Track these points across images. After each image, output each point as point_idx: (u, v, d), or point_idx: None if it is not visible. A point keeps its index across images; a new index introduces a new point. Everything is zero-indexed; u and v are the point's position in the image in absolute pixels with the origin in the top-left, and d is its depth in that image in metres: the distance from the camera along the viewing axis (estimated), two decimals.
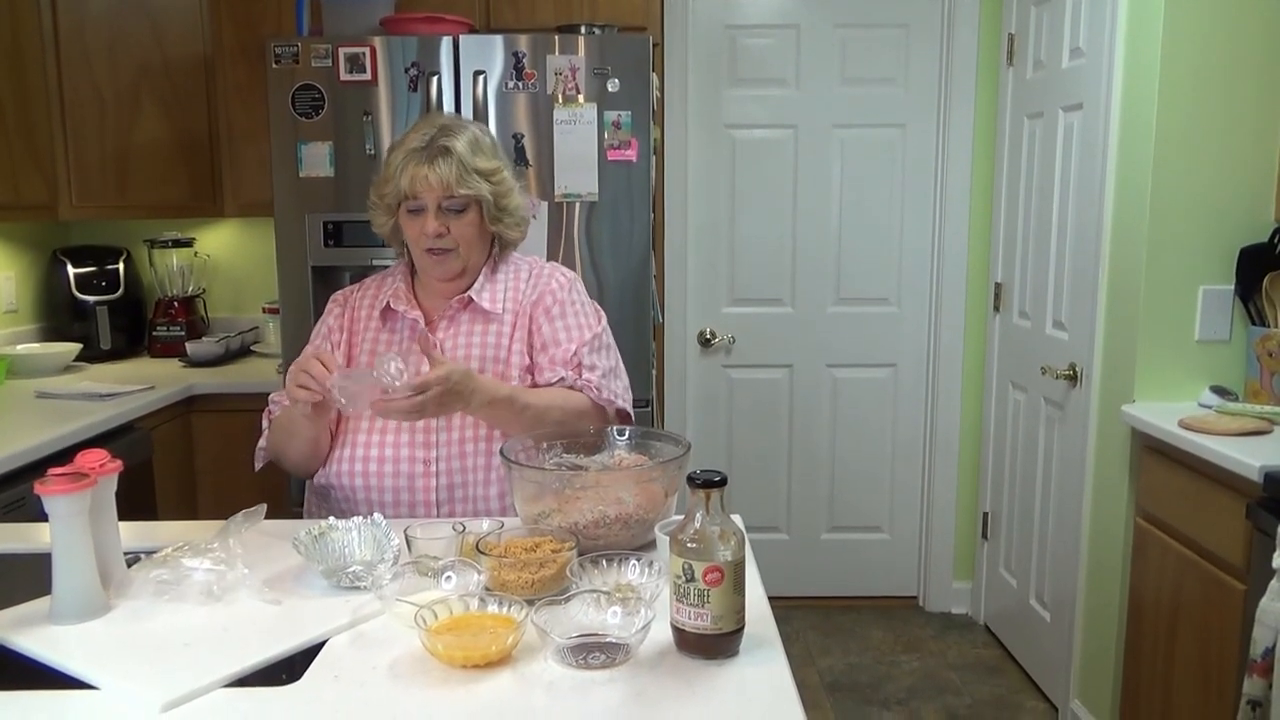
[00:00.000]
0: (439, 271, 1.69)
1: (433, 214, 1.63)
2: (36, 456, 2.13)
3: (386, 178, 1.66)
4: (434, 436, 1.64)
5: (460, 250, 1.67)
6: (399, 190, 1.64)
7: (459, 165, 1.61)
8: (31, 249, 3.23)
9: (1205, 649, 2.07)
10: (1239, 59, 2.30)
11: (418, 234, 1.65)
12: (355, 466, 1.66)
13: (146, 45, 2.99)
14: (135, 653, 1.14)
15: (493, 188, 1.67)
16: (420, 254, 1.69)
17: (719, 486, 1.14)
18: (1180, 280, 2.38)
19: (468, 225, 1.66)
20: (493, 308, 1.72)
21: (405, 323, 1.73)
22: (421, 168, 1.61)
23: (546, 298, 1.74)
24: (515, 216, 1.74)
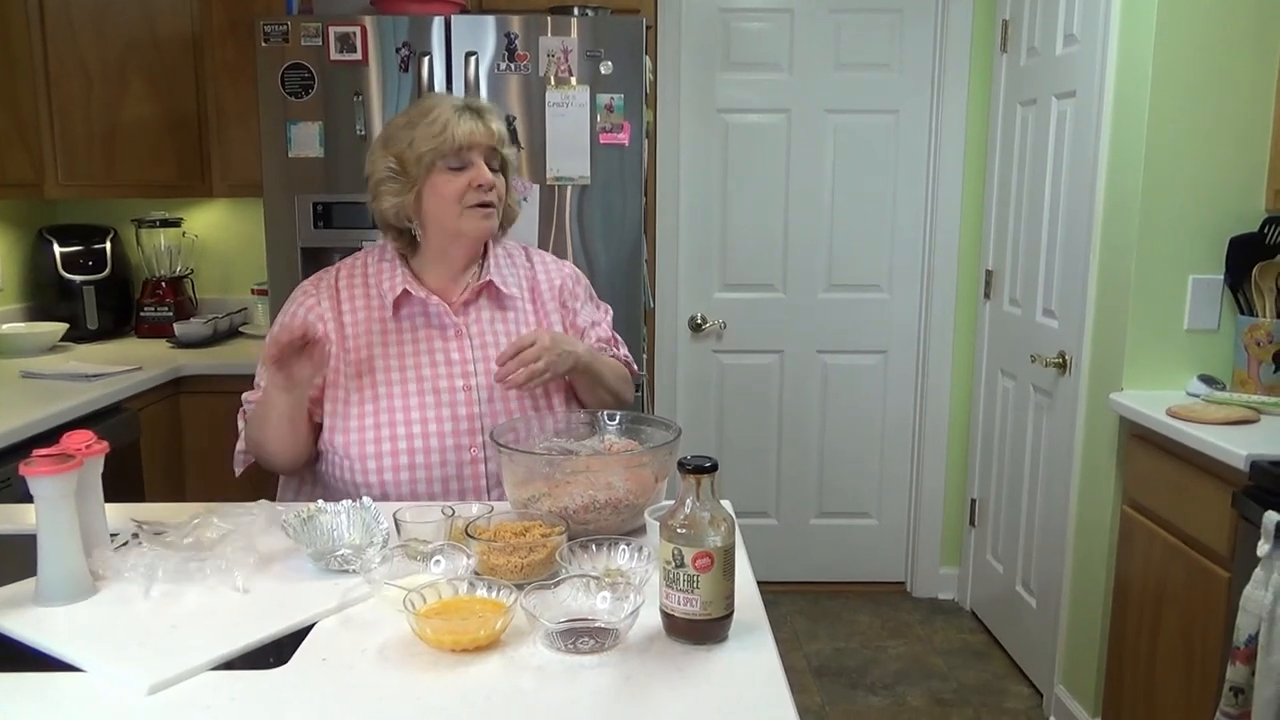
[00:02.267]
0: (483, 227, 1.63)
1: (484, 166, 1.60)
2: (22, 437, 2.11)
3: (421, 138, 1.58)
4: (477, 424, 1.61)
5: (499, 209, 1.64)
6: (449, 143, 1.57)
7: (501, 127, 1.62)
8: (17, 227, 3.20)
9: (1189, 636, 2.09)
10: (1232, 49, 2.29)
11: (461, 190, 1.59)
12: (401, 460, 1.58)
13: (134, 21, 2.96)
14: (122, 635, 1.14)
15: (514, 159, 1.68)
16: (459, 213, 1.61)
17: (709, 472, 1.13)
18: (1170, 269, 2.38)
19: (503, 183, 1.65)
20: (510, 291, 1.70)
21: (424, 309, 1.65)
22: (475, 121, 1.59)
23: (569, 283, 1.77)
24: (514, 197, 1.74)
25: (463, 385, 1.62)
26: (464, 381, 1.62)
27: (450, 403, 1.60)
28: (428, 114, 1.61)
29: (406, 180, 1.61)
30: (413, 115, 1.63)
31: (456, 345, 1.64)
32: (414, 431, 1.59)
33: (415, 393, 1.60)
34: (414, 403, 1.60)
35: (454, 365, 1.63)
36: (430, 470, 1.60)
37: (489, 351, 1.64)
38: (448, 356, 1.62)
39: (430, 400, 1.60)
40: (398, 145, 1.61)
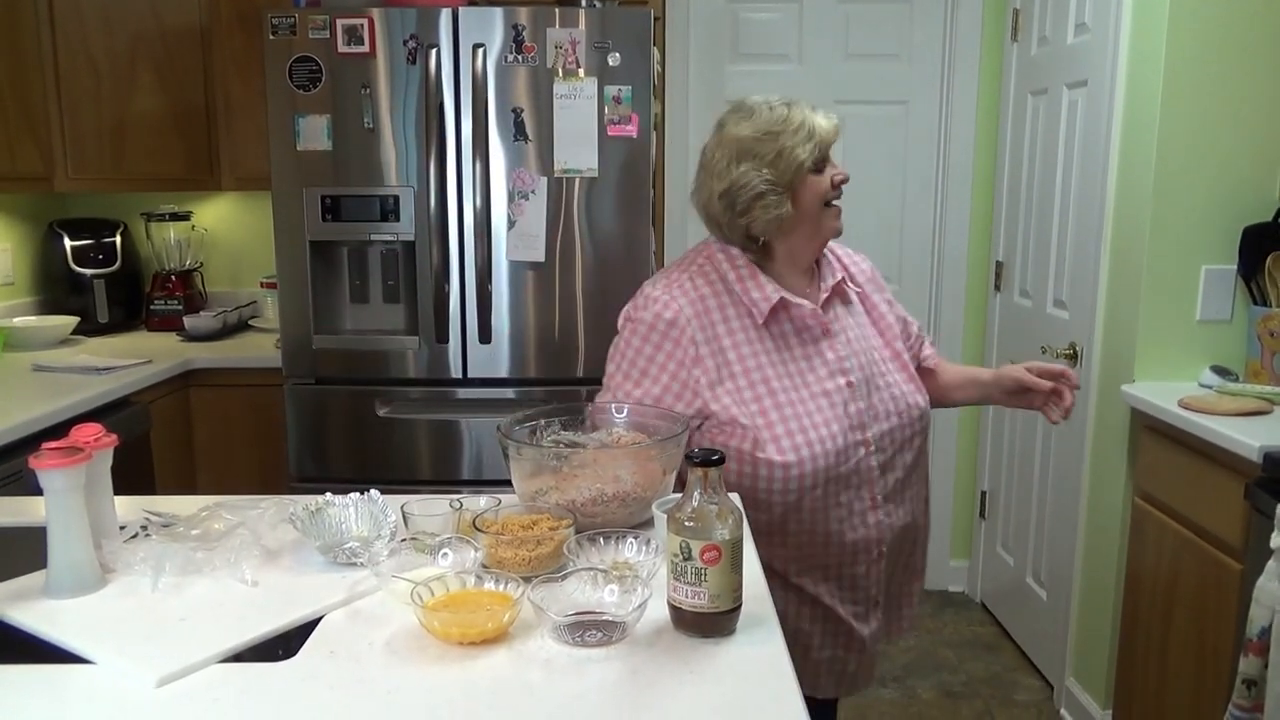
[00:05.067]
0: (839, 223, 1.62)
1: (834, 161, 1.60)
2: (33, 430, 2.12)
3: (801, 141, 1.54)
4: (862, 419, 1.59)
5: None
6: (825, 140, 1.56)
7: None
8: (28, 221, 3.21)
9: (1201, 628, 2.08)
10: (1245, 38, 2.27)
11: (825, 189, 1.58)
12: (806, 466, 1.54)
13: (142, 15, 2.96)
14: (130, 627, 1.14)
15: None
16: (822, 213, 1.59)
17: (717, 465, 1.13)
18: (1182, 259, 2.36)
19: None
20: (853, 286, 1.72)
21: (789, 314, 1.60)
22: (823, 120, 1.58)
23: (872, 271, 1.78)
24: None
25: (844, 382, 1.60)
26: (844, 379, 1.60)
27: (840, 402, 1.58)
28: (784, 119, 1.56)
29: (784, 190, 1.56)
30: (767, 124, 1.57)
31: (828, 345, 1.61)
32: (821, 435, 1.55)
33: (809, 398, 1.57)
34: (811, 407, 1.56)
35: (831, 365, 1.60)
36: (832, 471, 1.56)
37: (854, 346, 1.64)
38: (824, 358, 1.60)
39: (824, 403, 1.57)
40: (764, 157, 1.56)
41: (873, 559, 1.62)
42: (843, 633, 1.64)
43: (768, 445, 1.53)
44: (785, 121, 1.57)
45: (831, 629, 1.64)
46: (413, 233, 2.62)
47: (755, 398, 1.55)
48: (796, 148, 1.55)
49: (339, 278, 2.75)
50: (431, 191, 2.58)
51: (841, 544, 1.59)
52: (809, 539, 1.58)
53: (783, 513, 1.56)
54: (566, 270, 2.63)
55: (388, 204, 2.61)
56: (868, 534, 1.60)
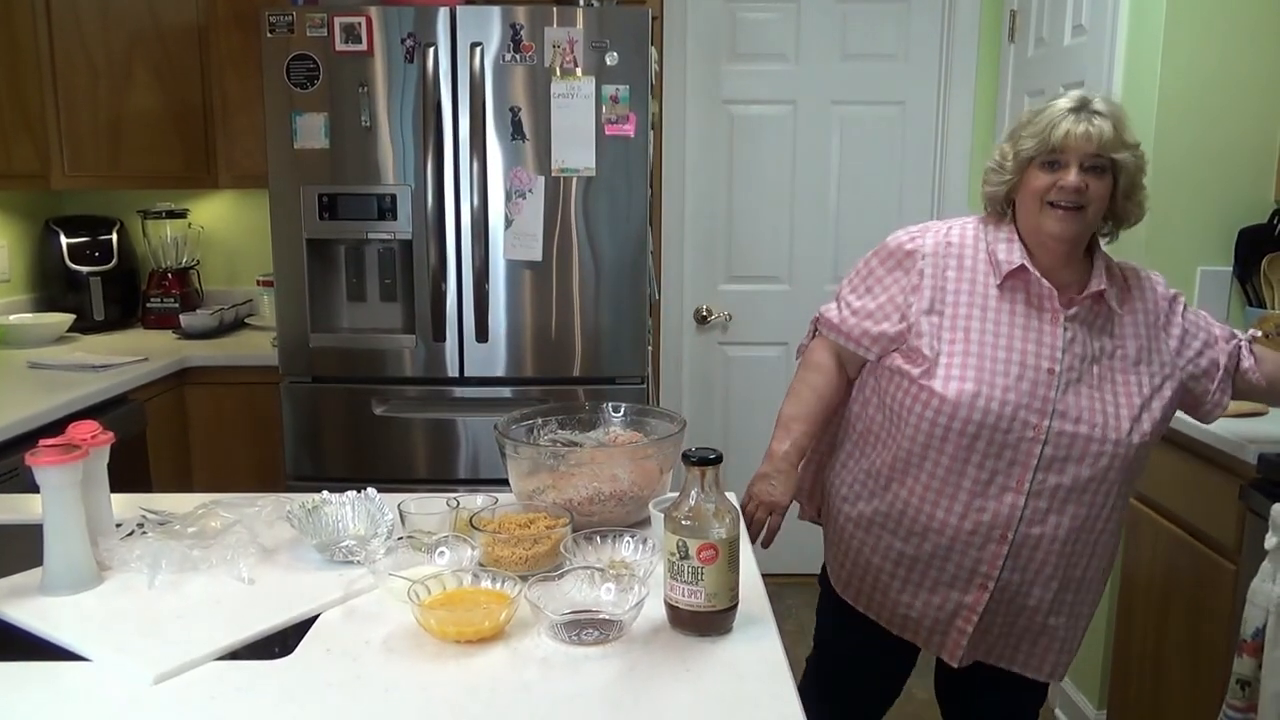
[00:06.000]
0: (1060, 228, 1.60)
1: (1075, 168, 1.58)
2: (29, 427, 2.12)
3: (1030, 134, 1.61)
4: (1049, 406, 1.59)
5: (1089, 212, 1.60)
6: (1045, 144, 1.58)
7: (1114, 128, 1.59)
8: (24, 218, 3.21)
9: (1196, 629, 2.08)
10: (1241, 39, 2.28)
11: (1047, 186, 1.59)
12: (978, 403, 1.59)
13: (139, 13, 2.96)
14: (127, 625, 1.14)
15: (1135, 161, 1.62)
16: (1039, 209, 1.61)
17: (714, 464, 1.13)
18: (1178, 261, 2.37)
19: (1103, 188, 1.60)
20: (1118, 308, 1.66)
21: (1029, 287, 1.64)
22: (1080, 124, 1.57)
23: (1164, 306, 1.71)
24: (1139, 197, 1.66)
25: (1047, 367, 1.60)
26: (1049, 365, 1.61)
27: (1032, 379, 1.59)
28: (1040, 114, 1.62)
29: (1004, 175, 1.65)
30: (1032, 115, 1.64)
31: (1051, 330, 1.62)
32: (992, 393, 1.59)
33: (1004, 359, 1.61)
34: (1000, 368, 1.60)
35: (1044, 345, 1.61)
36: (988, 429, 1.59)
37: (1079, 349, 1.62)
38: (1041, 337, 1.61)
39: (1015, 370, 1.60)
40: (1013, 141, 1.64)
41: (993, 540, 1.60)
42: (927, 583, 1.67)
43: (937, 376, 1.60)
44: (1038, 113, 1.63)
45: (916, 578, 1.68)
46: (410, 231, 2.62)
47: (951, 339, 1.62)
48: (1027, 140, 1.61)
49: (336, 276, 2.75)
50: (429, 190, 2.58)
51: (969, 505, 1.60)
52: (942, 483, 1.61)
53: (925, 444, 1.62)
54: (563, 269, 2.63)
55: (385, 202, 2.61)
56: (998, 509, 1.59)
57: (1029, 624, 1.67)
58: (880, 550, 1.70)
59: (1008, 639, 1.70)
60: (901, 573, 1.68)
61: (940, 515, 1.62)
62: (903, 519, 1.66)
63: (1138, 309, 1.68)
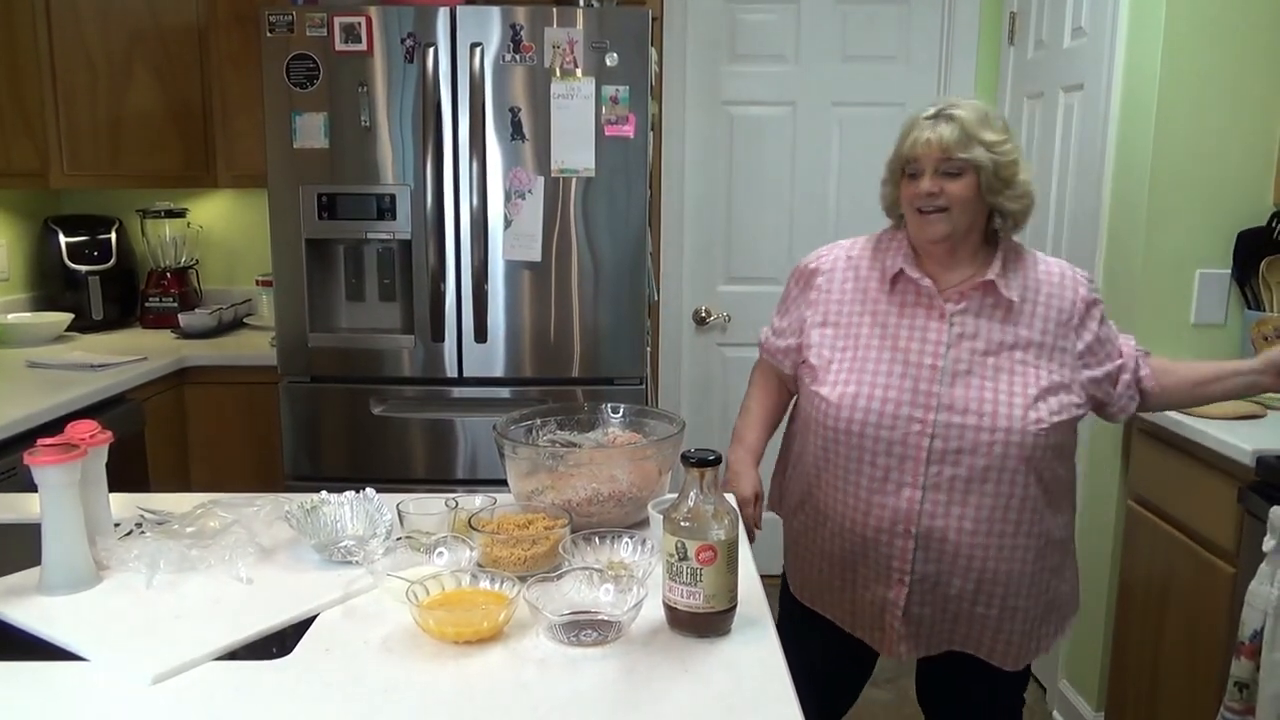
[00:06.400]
0: (926, 231, 1.70)
1: (929, 175, 1.67)
2: (27, 427, 2.12)
3: (896, 145, 1.75)
4: (933, 401, 1.63)
5: (952, 212, 1.66)
6: (900, 155, 1.73)
7: (962, 130, 1.65)
8: (23, 217, 3.21)
9: (1194, 631, 2.08)
10: (1242, 42, 2.28)
11: (912, 195, 1.70)
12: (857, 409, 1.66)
13: (139, 12, 2.95)
14: (125, 625, 1.14)
15: (993, 157, 1.65)
16: (911, 215, 1.72)
17: (713, 465, 1.13)
18: (1177, 263, 2.37)
19: (963, 188, 1.67)
20: (1013, 296, 1.68)
21: (916, 288, 1.72)
22: (925, 132, 1.67)
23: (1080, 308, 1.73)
24: (1018, 190, 1.69)
25: (930, 363, 1.66)
26: (932, 360, 1.66)
27: (915, 376, 1.65)
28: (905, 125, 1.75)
29: (887, 187, 1.81)
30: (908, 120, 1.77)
31: (938, 326, 1.68)
32: (875, 393, 1.67)
33: (888, 359, 1.68)
34: (883, 368, 1.68)
35: (928, 343, 1.67)
36: (880, 429, 1.65)
37: (967, 344, 1.66)
38: (925, 334, 1.68)
39: (898, 369, 1.67)
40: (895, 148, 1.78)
41: (899, 535, 1.64)
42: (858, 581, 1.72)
43: (825, 382, 1.71)
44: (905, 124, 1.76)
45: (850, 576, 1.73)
46: (409, 231, 2.62)
47: (843, 346, 1.73)
48: (896, 151, 1.76)
49: (335, 276, 2.74)
50: (428, 190, 2.58)
51: (869, 503, 1.66)
52: (844, 483, 1.68)
53: (825, 447, 1.71)
54: (562, 270, 2.63)
55: (384, 202, 2.61)
56: (897, 505, 1.63)
57: (958, 612, 1.70)
58: (816, 552, 1.78)
59: (944, 628, 1.72)
60: (837, 572, 1.75)
61: (849, 514, 1.69)
62: (826, 521, 1.74)
63: (1051, 304, 1.71)
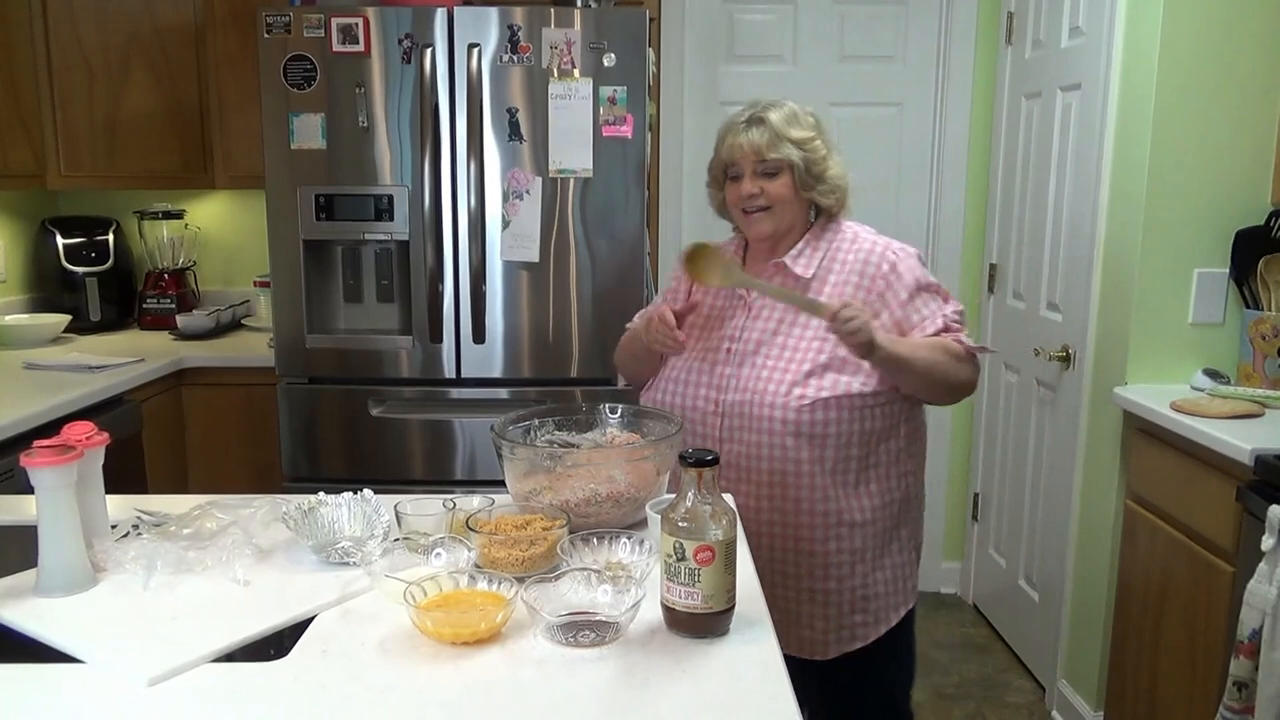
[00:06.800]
0: (754, 229, 1.81)
1: (749, 177, 1.77)
2: (25, 428, 2.11)
3: (715, 151, 1.83)
4: (724, 382, 1.74)
5: (775, 210, 1.77)
6: (719, 161, 1.82)
7: (772, 132, 1.75)
8: (20, 218, 3.20)
9: (1193, 630, 2.08)
10: (1238, 42, 2.28)
11: (736, 197, 1.79)
12: (662, 396, 1.81)
13: (136, 12, 2.95)
14: (121, 626, 1.13)
15: (804, 154, 1.76)
16: (738, 215, 1.82)
17: (711, 465, 1.13)
18: (1175, 262, 2.37)
19: (781, 186, 1.77)
20: (804, 272, 1.78)
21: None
22: (738, 137, 1.77)
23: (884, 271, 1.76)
24: (829, 184, 1.80)
25: (726, 347, 1.78)
26: (729, 344, 1.78)
27: (712, 360, 1.78)
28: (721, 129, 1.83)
29: (716, 187, 1.87)
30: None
31: (743, 310, 1.80)
32: (678, 375, 1.80)
33: (697, 348, 1.81)
34: (693, 355, 1.80)
35: (730, 327, 1.80)
36: (684, 411, 1.76)
37: (760, 324, 1.78)
38: (732, 319, 1.80)
39: (700, 354, 1.80)
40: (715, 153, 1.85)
41: None
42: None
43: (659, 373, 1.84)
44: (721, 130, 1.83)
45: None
46: (407, 232, 2.62)
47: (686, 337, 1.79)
48: (715, 158, 1.84)
49: (333, 277, 2.74)
50: (426, 191, 2.57)
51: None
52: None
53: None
54: (561, 270, 2.63)
55: (382, 203, 2.61)
56: None
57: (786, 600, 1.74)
58: None
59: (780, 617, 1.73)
60: None
61: None
62: None
63: (850, 280, 1.77)
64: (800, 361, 1.71)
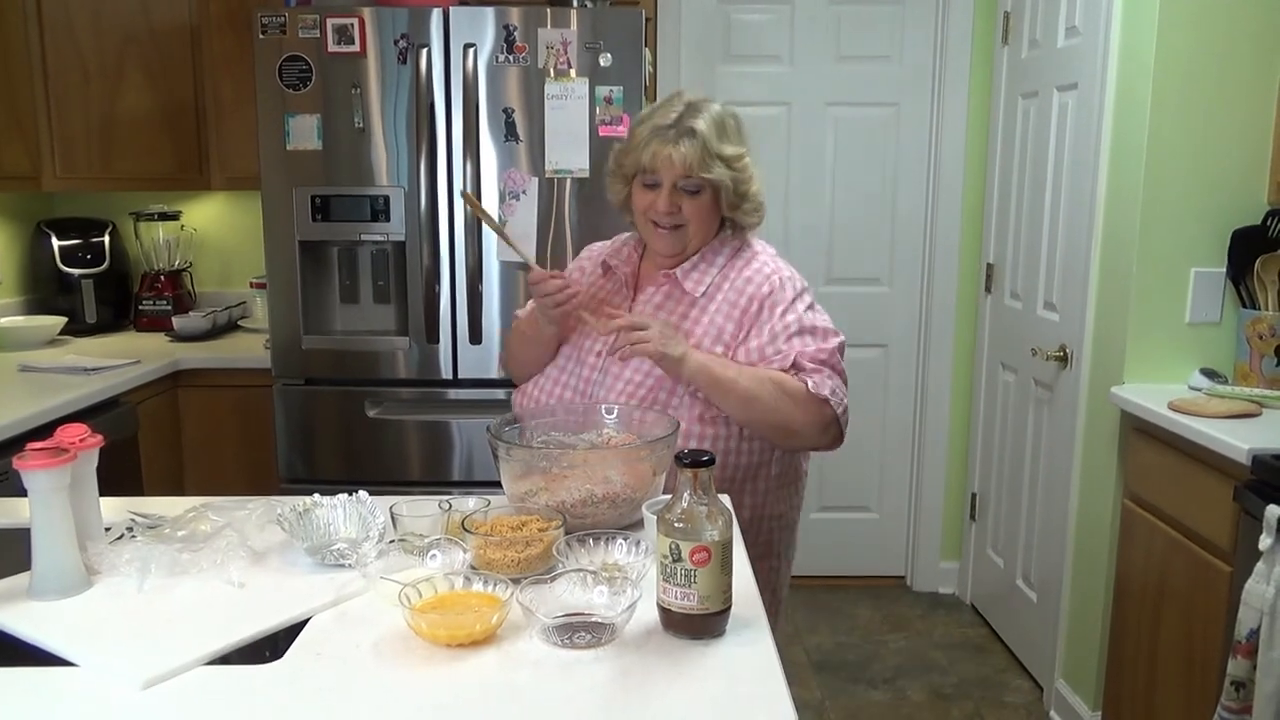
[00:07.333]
0: (661, 246, 1.71)
1: (667, 191, 1.64)
2: (19, 430, 2.11)
3: (628, 149, 1.68)
4: (589, 389, 1.69)
5: (689, 229, 1.67)
6: (638, 163, 1.66)
7: (703, 147, 1.61)
8: (15, 220, 3.20)
9: (1190, 630, 2.08)
10: (1234, 41, 2.28)
11: (648, 206, 1.67)
12: (529, 399, 1.78)
13: (131, 13, 2.94)
14: (115, 629, 1.13)
15: (734, 174, 1.65)
16: (645, 225, 1.70)
17: (707, 466, 1.13)
18: (1172, 262, 2.37)
19: (701, 207, 1.66)
20: (693, 289, 1.69)
21: (617, 282, 1.79)
22: (666, 146, 1.61)
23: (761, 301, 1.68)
24: (754, 203, 1.71)
25: (596, 351, 1.71)
26: (600, 349, 1.71)
27: (581, 362, 1.72)
28: (642, 125, 1.67)
29: (617, 184, 1.74)
30: (641, 117, 1.71)
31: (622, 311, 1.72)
32: (550, 375, 1.76)
33: (570, 351, 1.75)
34: (563, 352, 1.76)
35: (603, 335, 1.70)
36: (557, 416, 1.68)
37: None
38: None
39: (574, 355, 1.74)
40: (621, 153, 1.72)
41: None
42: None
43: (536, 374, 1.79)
44: (640, 122, 1.70)
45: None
46: (403, 233, 2.61)
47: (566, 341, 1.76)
48: (627, 152, 1.70)
49: (329, 278, 2.74)
50: (422, 192, 2.57)
51: None
52: None
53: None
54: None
55: (378, 204, 2.60)
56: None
57: None
58: None
59: None
60: None
61: None
62: None
63: (738, 303, 1.68)
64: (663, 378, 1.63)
